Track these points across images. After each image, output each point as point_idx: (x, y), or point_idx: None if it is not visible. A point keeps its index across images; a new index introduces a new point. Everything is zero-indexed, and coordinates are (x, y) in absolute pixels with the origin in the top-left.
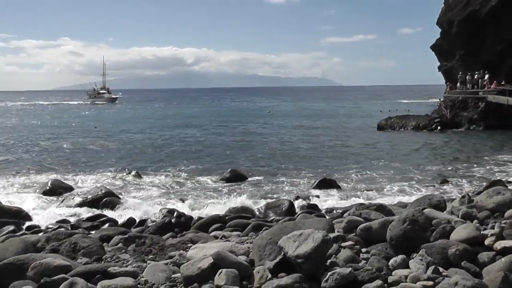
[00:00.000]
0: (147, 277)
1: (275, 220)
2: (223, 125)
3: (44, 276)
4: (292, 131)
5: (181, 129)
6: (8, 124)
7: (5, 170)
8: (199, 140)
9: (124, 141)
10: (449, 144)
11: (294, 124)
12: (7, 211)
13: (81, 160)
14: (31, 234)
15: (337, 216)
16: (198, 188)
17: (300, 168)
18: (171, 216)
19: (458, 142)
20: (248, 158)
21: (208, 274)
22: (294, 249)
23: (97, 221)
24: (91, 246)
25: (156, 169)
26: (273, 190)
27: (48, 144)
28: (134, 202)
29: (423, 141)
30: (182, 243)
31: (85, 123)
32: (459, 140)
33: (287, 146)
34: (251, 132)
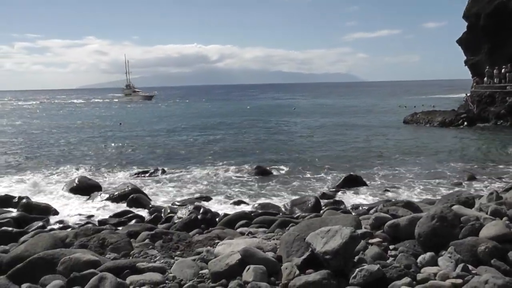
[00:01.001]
0: (175, 273)
1: (301, 216)
2: (249, 121)
3: (74, 271)
4: (317, 128)
5: (207, 126)
6: (35, 121)
7: (33, 167)
8: (226, 137)
9: (152, 138)
10: (476, 140)
11: (319, 121)
12: (35, 207)
13: (108, 157)
14: (60, 230)
15: (363, 212)
16: (224, 185)
17: (326, 165)
18: (197, 212)
19: (485, 137)
20: (274, 154)
21: (236, 270)
22: (322, 245)
23: (124, 217)
24: (119, 241)
25: (182, 165)
26: (299, 186)
27: (77, 141)
28: (160, 199)
29: (449, 137)
30: (209, 239)
31: (117, 120)
32: (486, 136)
33: (312, 142)
34: (277, 129)
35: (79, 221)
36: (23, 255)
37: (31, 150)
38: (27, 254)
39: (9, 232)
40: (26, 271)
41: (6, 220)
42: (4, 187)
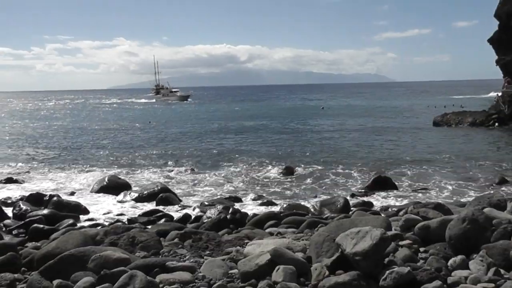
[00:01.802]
0: (205, 273)
1: (330, 217)
2: (278, 122)
3: (104, 268)
4: (346, 128)
5: (237, 126)
6: (69, 120)
7: (64, 165)
8: (255, 137)
9: (183, 137)
10: (507, 141)
11: (349, 121)
12: (66, 205)
13: (138, 156)
14: (90, 227)
15: (393, 214)
16: (253, 185)
17: (355, 165)
18: (226, 212)
19: None
20: (302, 155)
21: (266, 271)
22: (352, 247)
23: (153, 216)
24: (149, 240)
25: (211, 165)
26: (328, 187)
27: (109, 140)
28: (189, 198)
29: (480, 138)
30: (238, 239)
31: (153, 120)
32: None
33: (341, 142)
34: (306, 130)
35: (109, 219)
36: (54, 251)
37: (62, 148)
38: (58, 251)
39: (40, 229)
40: (57, 267)
41: (37, 218)
42: (35, 185)
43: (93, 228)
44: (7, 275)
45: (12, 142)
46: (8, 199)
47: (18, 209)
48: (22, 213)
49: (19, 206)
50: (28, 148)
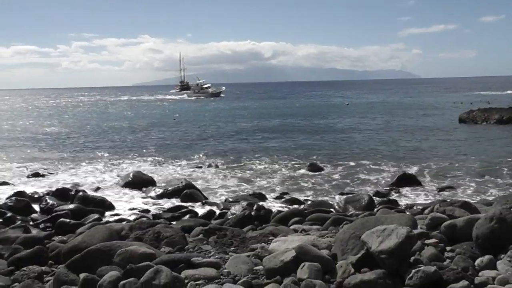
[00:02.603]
0: (230, 269)
1: (354, 214)
2: (302, 119)
3: (130, 262)
4: (371, 125)
5: (261, 123)
6: (90, 119)
7: (90, 161)
8: (280, 134)
9: (209, 134)
10: None
11: (373, 118)
12: (92, 200)
13: (163, 152)
14: (115, 222)
15: (418, 212)
16: (278, 182)
17: (380, 162)
18: (250, 209)
19: None
20: (327, 152)
21: (291, 267)
22: (377, 244)
23: (178, 212)
24: (174, 236)
25: (236, 162)
26: (352, 184)
27: (135, 137)
28: (213, 194)
29: (506, 135)
30: (263, 236)
31: (184, 117)
32: None
33: (366, 139)
34: (330, 127)
35: (134, 214)
36: (81, 246)
37: (88, 144)
38: (84, 245)
39: (66, 223)
40: (83, 261)
41: (63, 212)
42: (62, 180)
43: (118, 223)
44: (35, 267)
45: (40, 138)
46: (35, 194)
47: (45, 204)
48: (48, 208)
49: (46, 201)
50: (55, 143)
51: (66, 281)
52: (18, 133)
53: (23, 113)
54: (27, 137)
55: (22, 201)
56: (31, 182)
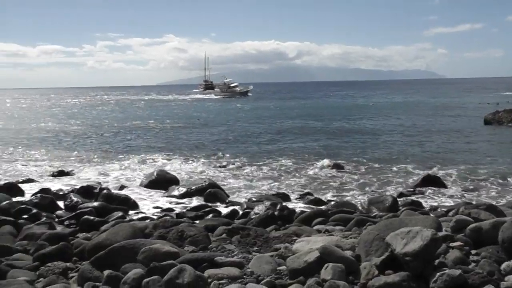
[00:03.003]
0: (253, 268)
1: (378, 215)
2: (327, 119)
3: (153, 261)
4: (394, 125)
5: (286, 123)
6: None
7: (114, 159)
8: (304, 134)
9: (232, 132)
10: None
11: (397, 118)
12: (115, 198)
13: (187, 152)
14: (139, 220)
15: (442, 214)
16: (301, 182)
17: (404, 163)
18: (274, 208)
19: None
20: (350, 151)
21: (314, 268)
22: (402, 247)
23: (201, 211)
24: (197, 235)
25: (259, 162)
26: (376, 185)
27: (160, 136)
28: (237, 194)
29: None
30: (286, 236)
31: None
32: None
33: (390, 140)
34: (354, 126)
35: (157, 213)
36: (105, 243)
37: (113, 142)
38: (108, 243)
39: (90, 220)
40: (107, 258)
41: (88, 210)
42: (86, 178)
43: (142, 221)
44: (60, 263)
45: (65, 136)
46: (60, 191)
47: (70, 201)
48: (73, 205)
49: (70, 198)
50: (80, 141)
51: (90, 278)
52: (44, 132)
53: (48, 111)
54: (52, 135)
55: (47, 198)
56: (56, 180)
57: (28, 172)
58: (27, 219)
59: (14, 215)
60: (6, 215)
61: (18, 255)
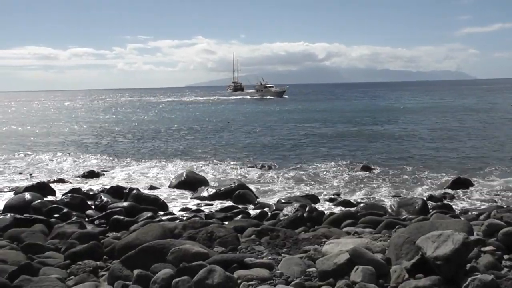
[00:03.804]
0: (282, 270)
1: (408, 218)
2: (356, 120)
3: (183, 261)
4: (424, 127)
5: (316, 124)
6: (147, 119)
7: (143, 160)
8: (334, 136)
9: (264, 133)
10: None
11: (427, 120)
12: (145, 198)
13: (216, 153)
14: (168, 221)
15: (473, 218)
16: (330, 183)
17: (434, 166)
18: (303, 210)
19: None
20: (380, 153)
21: (344, 270)
22: (433, 250)
23: (230, 212)
24: (227, 236)
25: (288, 163)
26: (406, 187)
27: (190, 137)
28: (266, 195)
29: None
30: (316, 237)
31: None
32: None
33: (420, 142)
34: (384, 128)
35: (186, 213)
36: (134, 242)
37: (142, 143)
38: (138, 242)
39: (120, 220)
40: (137, 258)
41: (117, 209)
42: (116, 178)
43: (171, 221)
44: (90, 262)
45: (95, 136)
46: (90, 191)
47: (100, 201)
48: (103, 205)
49: (100, 198)
50: (110, 142)
51: (120, 277)
52: (74, 132)
53: (79, 112)
54: (82, 136)
55: (77, 198)
56: (86, 180)
57: (58, 172)
58: (58, 218)
59: (45, 214)
60: (38, 214)
61: (49, 253)
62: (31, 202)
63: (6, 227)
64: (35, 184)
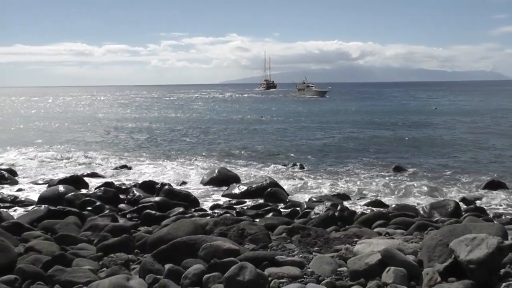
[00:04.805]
0: (313, 269)
1: (440, 220)
2: (389, 120)
3: (214, 257)
4: (459, 129)
5: (348, 123)
6: (180, 114)
7: (177, 155)
8: (365, 135)
9: (296, 132)
10: None
11: (462, 121)
12: (177, 194)
13: (249, 150)
14: (199, 217)
15: (507, 222)
16: (362, 183)
17: (467, 167)
18: (334, 209)
19: None
20: (413, 154)
21: (376, 271)
22: (466, 254)
23: (261, 210)
24: (258, 233)
25: (320, 162)
26: (438, 189)
27: (224, 134)
28: (297, 194)
29: None
30: (347, 237)
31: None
32: None
33: (454, 144)
34: (417, 129)
35: (218, 210)
36: (166, 237)
37: (176, 139)
38: (169, 237)
39: (152, 215)
40: (169, 252)
41: (149, 204)
42: (148, 173)
43: (203, 218)
44: (122, 255)
45: (129, 131)
46: (123, 185)
47: (132, 195)
48: (135, 199)
49: (132, 192)
50: (143, 137)
51: (152, 270)
52: (108, 127)
53: (112, 107)
54: (116, 130)
55: (110, 192)
56: (118, 174)
57: (92, 166)
58: (91, 211)
59: (78, 207)
60: (71, 207)
61: (82, 245)
62: (64, 194)
63: (40, 218)
64: (69, 177)
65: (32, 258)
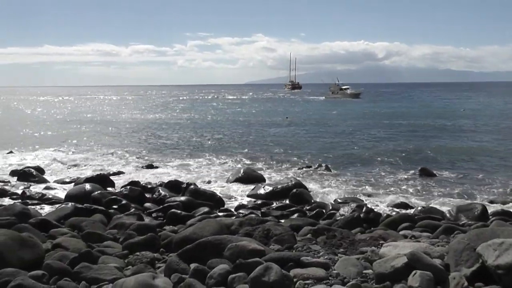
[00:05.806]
0: (339, 270)
1: (467, 224)
2: (416, 122)
3: (239, 257)
4: (487, 131)
5: (376, 126)
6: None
7: (202, 155)
8: (392, 137)
9: (323, 135)
10: None
11: (489, 124)
12: (202, 194)
13: (275, 151)
14: (225, 217)
15: None
16: (388, 185)
17: (494, 171)
18: (360, 211)
19: None
20: (440, 157)
21: (401, 274)
22: (494, 259)
23: (287, 211)
24: (283, 234)
25: (346, 164)
26: (465, 192)
27: (251, 135)
28: (322, 195)
29: None
30: (373, 239)
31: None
32: None
33: (481, 146)
34: (444, 130)
35: (243, 210)
36: (191, 237)
37: (202, 138)
38: (195, 237)
39: (177, 214)
40: (194, 252)
41: (175, 203)
42: (174, 173)
43: (228, 218)
44: (148, 253)
45: (156, 130)
46: (149, 184)
47: (158, 194)
48: (161, 198)
49: (158, 192)
50: (169, 137)
51: (177, 269)
52: (134, 126)
53: (138, 107)
54: (141, 130)
55: (136, 190)
56: (144, 173)
57: (118, 164)
58: (116, 209)
59: (105, 205)
60: (97, 205)
61: (108, 243)
62: (91, 192)
63: (67, 215)
64: (95, 176)
65: (59, 255)
